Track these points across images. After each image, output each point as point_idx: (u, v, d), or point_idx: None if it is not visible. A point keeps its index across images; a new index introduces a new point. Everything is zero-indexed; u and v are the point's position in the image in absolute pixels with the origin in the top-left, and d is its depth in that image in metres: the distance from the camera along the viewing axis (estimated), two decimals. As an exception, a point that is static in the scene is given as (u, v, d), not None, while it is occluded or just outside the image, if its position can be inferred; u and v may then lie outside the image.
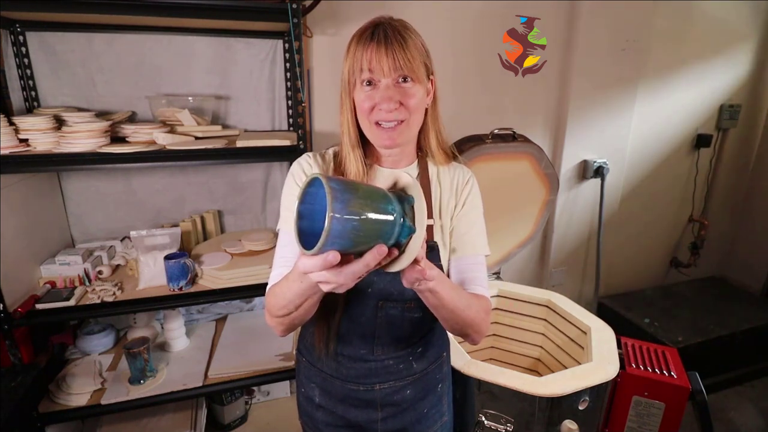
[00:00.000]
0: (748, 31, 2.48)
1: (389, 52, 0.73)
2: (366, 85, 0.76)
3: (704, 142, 2.56)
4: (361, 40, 0.75)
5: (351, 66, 0.77)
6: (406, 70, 0.74)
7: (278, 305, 0.70)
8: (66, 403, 1.42)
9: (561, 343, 1.58)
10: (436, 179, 0.88)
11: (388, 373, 0.88)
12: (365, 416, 0.90)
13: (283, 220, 0.84)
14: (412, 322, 0.86)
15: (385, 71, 0.74)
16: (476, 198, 0.90)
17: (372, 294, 0.82)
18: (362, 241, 0.48)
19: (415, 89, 0.77)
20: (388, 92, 0.74)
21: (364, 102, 0.77)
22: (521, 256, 2.37)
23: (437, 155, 0.87)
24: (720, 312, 2.37)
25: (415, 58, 0.75)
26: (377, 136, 0.79)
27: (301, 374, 0.98)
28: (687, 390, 1.32)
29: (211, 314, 1.91)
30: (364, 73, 0.75)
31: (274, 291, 0.72)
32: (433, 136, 0.86)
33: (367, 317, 0.84)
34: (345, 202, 0.45)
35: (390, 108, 0.75)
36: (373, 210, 0.48)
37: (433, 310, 0.76)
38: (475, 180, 0.91)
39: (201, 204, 1.82)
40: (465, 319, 0.77)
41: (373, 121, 0.77)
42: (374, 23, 0.77)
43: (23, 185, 1.45)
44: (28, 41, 1.47)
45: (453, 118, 2.05)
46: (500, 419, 1.24)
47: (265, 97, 1.77)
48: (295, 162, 0.87)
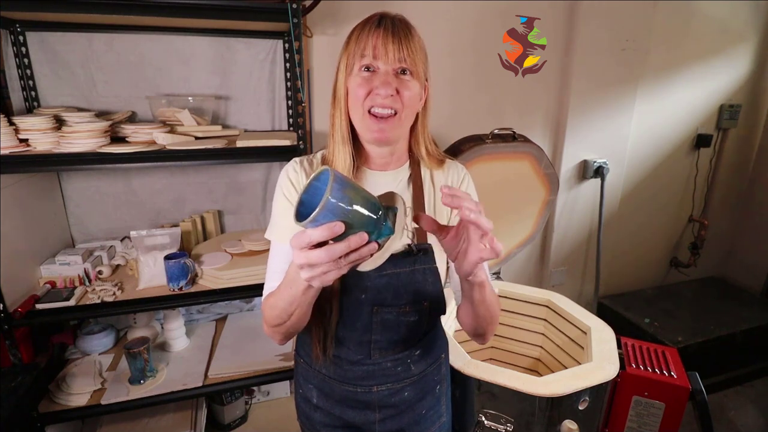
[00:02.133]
0: (748, 31, 2.49)
1: (395, 39, 0.73)
2: (364, 71, 0.75)
3: (704, 142, 2.56)
4: (367, 26, 0.75)
5: (352, 50, 0.76)
6: (408, 62, 0.74)
7: (273, 315, 0.73)
8: (66, 403, 1.42)
9: (561, 343, 1.58)
10: (429, 181, 0.88)
11: (386, 375, 0.88)
12: (363, 417, 0.90)
13: (272, 228, 0.84)
14: (409, 326, 0.86)
15: (390, 58, 0.73)
16: (471, 192, 0.90)
17: (366, 300, 0.82)
18: (350, 223, 0.53)
19: (413, 84, 0.76)
20: (387, 77, 0.74)
21: (360, 87, 0.75)
22: (521, 256, 2.37)
23: (428, 161, 0.87)
24: (720, 312, 2.37)
25: (417, 54, 0.75)
26: (368, 126, 0.77)
27: (299, 375, 0.98)
28: (687, 390, 1.32)
29: (211, 314, 1.91)
30: (366, 58, 0.74)
31: (269, 302, 0.75)
32: (422, 142, 0.86)
33: (362, 323, 0.84)
34: (342, 190, 0.51)
35: (386, 93, 0.73)
36: (362, 203, 0.54)
37: (472, 308, 0.76)
38: (469, 176, 0.91)
39: (201, 204, 1.82)
40: (493, 315, 0.78)
41: (367, 107, 0.76)
42: (380, 14, 0.77)
43: (23, 185, 1.45)
44: (28, 41, 1.47)
45: (453, 118, 2.06)
46: (500, 419, 1.24)
47: (265, 97, 1.77)
48: (282, 171, 0.85)
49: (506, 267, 2.24)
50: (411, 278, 0.83)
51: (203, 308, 1.90)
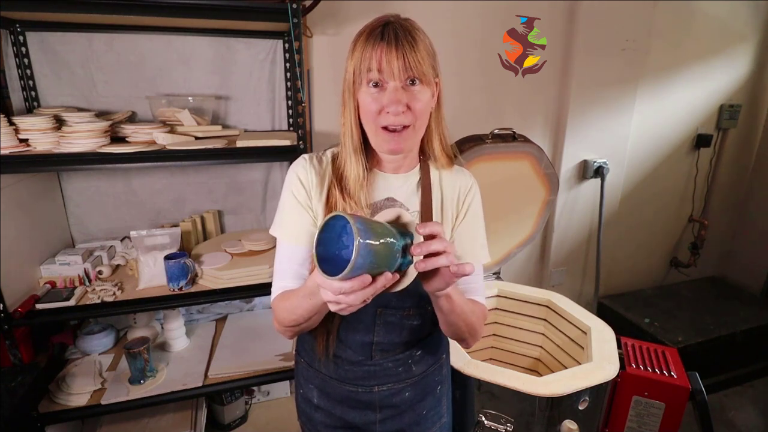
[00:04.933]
0: (748, 31, 2.48)
1: (399, 53, 0.71)
2: (373, 86, 0.74)
3: (704, 142, 2.56)
4: (370, 39, 0.73)
5: (357, 65, 0.74)
6: (416, 72, 0.72)
7: (288, 318, 0.76)
8: (66, 403, 1.42)
9: (561, 343, 1.58)
10: (438, 184, 0.87)
11: (387, 375, 0.89)
12: (363, 417, 0.90)
13: (279, 225, 0.84)
14: (411, 328, 0.87)
15: (395, 73, 0.71)
16: (477, 206, 0.90)
17: (371, 302, 0.82)
18: (375, 268, 0.57)
19: (423, 92, 0.75)
20: (397, 95, 0.72)
21: (371, 104, 0.74)
22: (521, 256, 2.37)
23: (440, 159, 0.86)
24: (720, 312, 2.37)
25: (424, 60, 0.73)
26: (383, 140, 0.76)
27: (299, 375, 0.98)
28: (687, 390, 1.32)
29: (211, 314, 1.91)
30: (372, 73, 0.72)
31: (284, 306, 0.77)
32: (437, 140, 0.84)
33: (365, 324, 0.84)
34: (366, 236, 0.54)
35: (398, 111, 0.72)
36: (385, 246, 0.57)
37: (443, 316, 0.77)
38: (477, 187, 0.90)
39: (201, 204, 1.82)
40: (469, 324, 0.79)
41: (380, 125, 0.75)
42: (383, 21, 0.74)
43: (23, 185, 1.45)
44: (28, 41, 1.47)
45: (453, 118, 2.03)
46: (500, 419, 1.24)
47: (265, 97, 1.77)
48: (290, 168, 0.85)
49: (506, 267, 2.23)
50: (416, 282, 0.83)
51: (203, 308, 1.90)
